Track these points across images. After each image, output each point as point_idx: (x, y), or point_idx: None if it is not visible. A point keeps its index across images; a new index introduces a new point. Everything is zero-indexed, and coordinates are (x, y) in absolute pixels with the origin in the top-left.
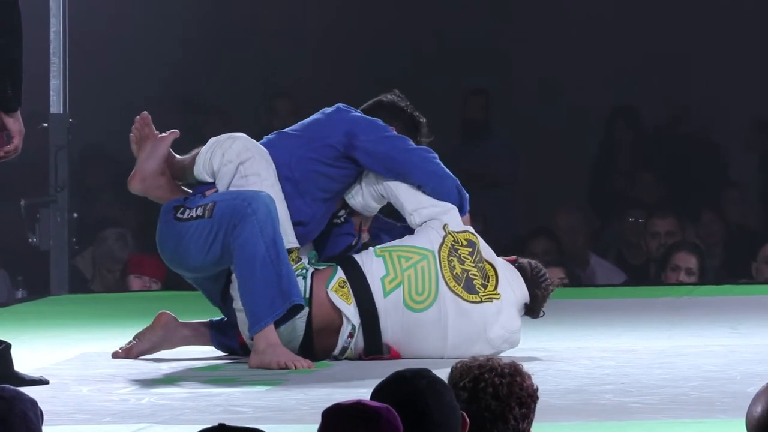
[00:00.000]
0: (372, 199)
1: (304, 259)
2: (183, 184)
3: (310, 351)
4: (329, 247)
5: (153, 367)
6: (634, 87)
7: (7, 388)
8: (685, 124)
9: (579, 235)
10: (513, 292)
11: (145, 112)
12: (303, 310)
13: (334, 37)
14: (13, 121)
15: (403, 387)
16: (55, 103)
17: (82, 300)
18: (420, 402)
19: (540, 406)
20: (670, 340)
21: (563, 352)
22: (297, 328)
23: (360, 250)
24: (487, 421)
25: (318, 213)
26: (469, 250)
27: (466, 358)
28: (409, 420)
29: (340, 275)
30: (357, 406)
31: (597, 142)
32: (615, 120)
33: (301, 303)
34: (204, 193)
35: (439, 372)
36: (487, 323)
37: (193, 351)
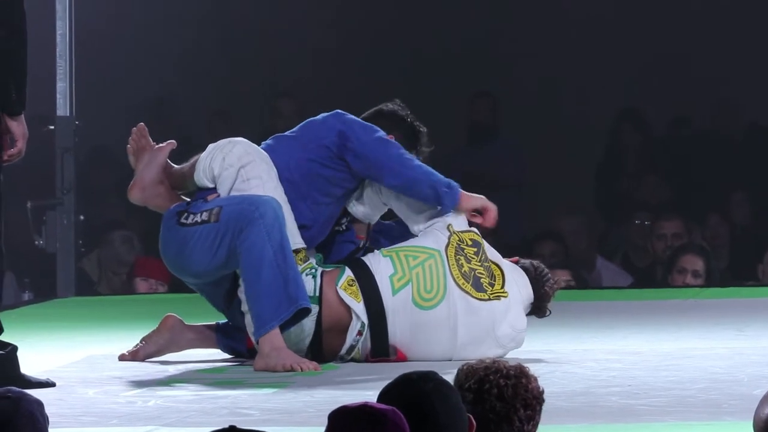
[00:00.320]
0: (373, 207)
1: (312, 259)
2: (182, 193)
3: (319, 351)
4: (333, 254)
5: (159, 369)
6: (639, 89)
7: (13, 389)
8: (690, 126)
9: (585, 237)
10: (519, 291)
11: (141, 123)
12: (312, 311)
13: (336, 38)
14: (17, 125)
15: (410, 389)
16: (62, 106)
17: (89, 302)
18: (426, 404)
19: (547, 409)
20: (676, 343)
21: (570, 354)
22: (306, 328)
23: (364, 254)
24: (491, 422)
25: (320, 218)
26: (475, 249)
27: (473, 359)
28: (416, 422)
29: (349, 274)
30: (363, 409)
31: (603, 144)
32: (621, 122)
33: (308, 307)
34: (206, 198)
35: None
36: (496, 321)
37: (199, 353)
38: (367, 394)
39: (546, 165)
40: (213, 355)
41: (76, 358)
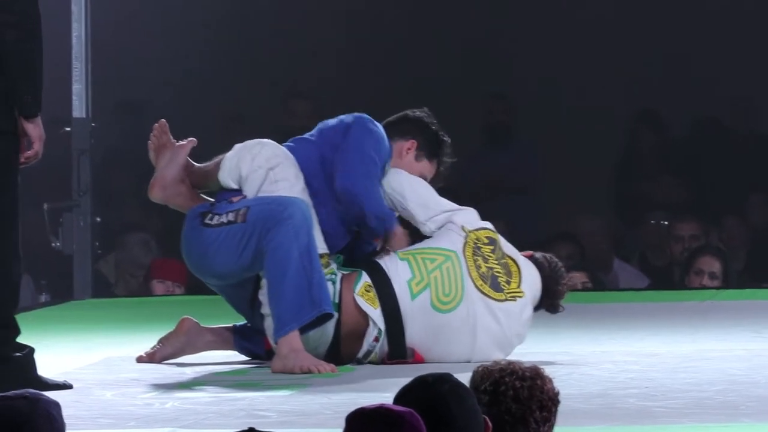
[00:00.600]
0: None
1: (333, 265)
2: (203, 192)
3: (337, 356)
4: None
5: (177, 371)
6: (656, 90)
7: (30, 390)
8: (708, 128)
9: (602, 239)
10: (530, 288)
11: (162, 120)
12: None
13: (352, 38)
14: (33, 127)
15: (426, 392)
16: (78, 108)
17: (106, 304)
18: (442, 407)
19: (564, 410)
20: (694, 344)
21: (587, 356)
22: (326, 334)
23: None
24: (507, 424)
25: (340, 225)
26: (491, 247)
27: (490, 360)
28: (432, 425)
29: (366, 279)
30: (380, 411)
31: (620, 145)
32: (638, 124)
33: (331, 312)
34: (231, 199)
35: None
36: (511, 322)
37: (216, 355)
38: (385, 396)
39: (562, 166)
40: (230, 357)
41: (93, 360)
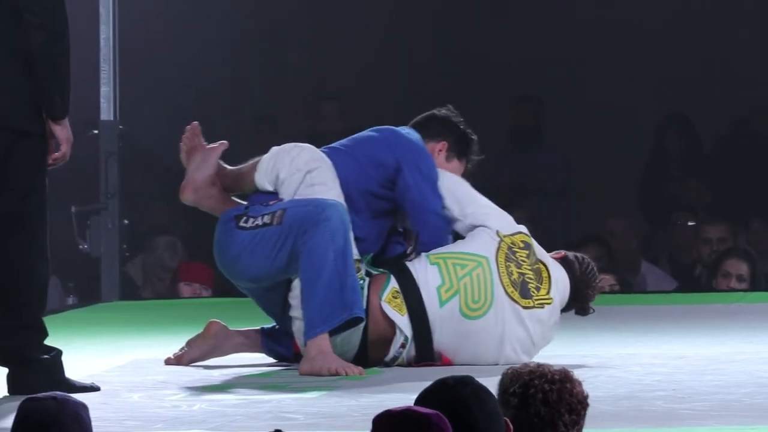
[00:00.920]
0: None
1: (363, 269)
2: (235, 195)
3: (363, 360)
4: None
5: (204, 373)
6: (685, 93)
7: (58, 392)
8: (736, 130)
9: (630, 241)
10: (559, 294)
11: (195, 122)
12: (362, 322)
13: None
14: (60, 129)
15: (447, 395)
16: (105, 110)
17: (133, 307)
18: (465, 410)
19: (591, 413)
20: (721, 347)
21: (614, 358)
22: (353, 339)
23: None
24: (536, 427)
25: (373, 231)
26: (526, 252)
27: (517, 363)
28: (454, 427)
29: (393, 285)
30: (407, 413)
31: (648, 147)
32: (666, 126)
33: (361, 316)
34: (267, 202)
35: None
36: (537, 328)
37: (244, 358)
38: (412, 398)
39: (591, 169)
40: (257, 359)
41: (120, 363)
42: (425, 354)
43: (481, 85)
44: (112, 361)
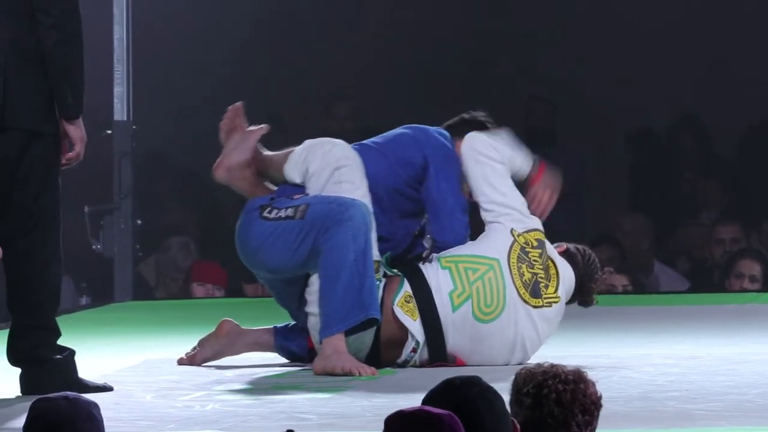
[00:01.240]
0: None
1: (381, 271)
2: (267, 180)
3: (376, 361)
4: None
5: (217, 373)
6: (699, 93)
7: (70, 392)
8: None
9: (642, 242)
10: (565, 291)
11: (239, 102)
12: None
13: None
14: (74, 129)
15: (454, 395)
16: (119, 110)
17: (146, 307)
18: (472, 410)
19: (604, 413)
20: (734, 347)
21: (627, 359)
22: (366, 339)
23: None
24: (549, 427)
25: (398, 232)
26: (539, 251)
27: (530, 364)
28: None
29: (407, 289)
30: (419, 413)
31: (661, 148)
32: (680, 126)
33: (377, 318)
34: (292, 196)
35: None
36: (545, 326)
37: (256, 358)
38: None
39: (604, 169)
40: (270, 359)
41: (133, 363)
42: (439, 357)
43: (494, 85)
44: (125, 361)
